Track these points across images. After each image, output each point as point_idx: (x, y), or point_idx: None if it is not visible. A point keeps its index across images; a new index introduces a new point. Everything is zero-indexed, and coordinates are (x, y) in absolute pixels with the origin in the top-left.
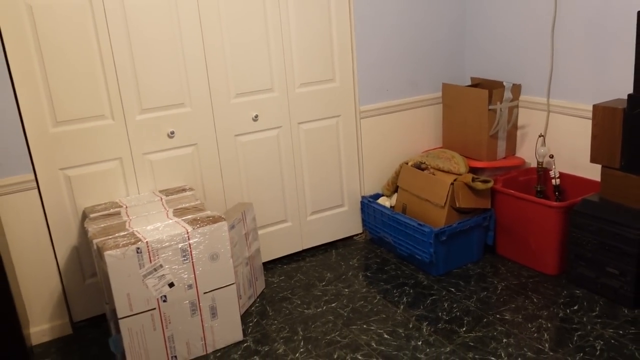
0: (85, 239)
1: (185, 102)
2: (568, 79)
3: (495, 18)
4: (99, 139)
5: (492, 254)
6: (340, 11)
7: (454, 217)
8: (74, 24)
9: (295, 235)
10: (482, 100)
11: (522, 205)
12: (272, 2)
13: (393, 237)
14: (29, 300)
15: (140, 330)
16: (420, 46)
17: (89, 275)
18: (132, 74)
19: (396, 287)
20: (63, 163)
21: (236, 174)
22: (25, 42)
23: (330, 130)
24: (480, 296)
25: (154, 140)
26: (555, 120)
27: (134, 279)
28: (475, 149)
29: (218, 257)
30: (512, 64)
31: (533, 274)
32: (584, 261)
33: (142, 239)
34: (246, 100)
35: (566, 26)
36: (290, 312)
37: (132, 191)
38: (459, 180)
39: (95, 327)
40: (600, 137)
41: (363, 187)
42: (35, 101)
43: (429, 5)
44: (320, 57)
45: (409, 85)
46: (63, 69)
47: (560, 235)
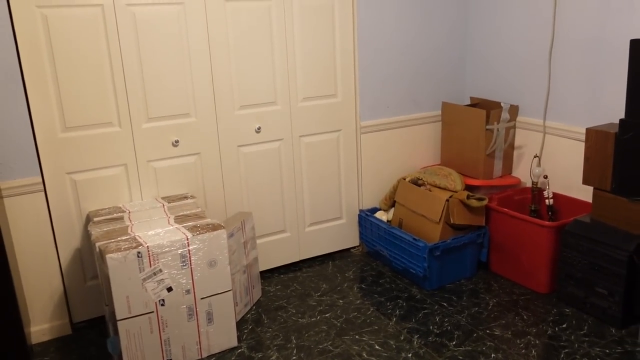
0: (88, 242)
1: (190, 112)
2: (564, 102)
3: (496, 41)
4: (106, 145)
5: (485, 270)
6: (344, 29)
7: (449, 233)
8: (87, 34)
9: (293, 246)
10: (479, 120)
11: (515, 224)
12: (278, 19)
13: (389, 251)
14: (31, 300)
15: (137, 332)
16: (422, 65)
17: (90, 277)
18: (140, 83)
19: (390, 300)
20: (70, 167)
21: (237, 184)
22: (39, 50)
23: (331, 144)
24: (472, 311)
25: (158, 148)
26: (551, 142)
27: (133, 282)
28: (472, 167)
29: (216, 264)
30: (511, 86)
31: (524, 291)
32: (574, 280)
33: (143, 244)
34: (250, 112)
35: (563, 51)
36: (285, 320)
37: (136, 197)
38: (454, 197)
39: (94, 329)
40: (593, 159)
41: (361, 201)
42: (46, 107)
43: (432, 26)
44: (323, 73)
45: (410, 102)
46: (74, 77)
47: (551, 255)
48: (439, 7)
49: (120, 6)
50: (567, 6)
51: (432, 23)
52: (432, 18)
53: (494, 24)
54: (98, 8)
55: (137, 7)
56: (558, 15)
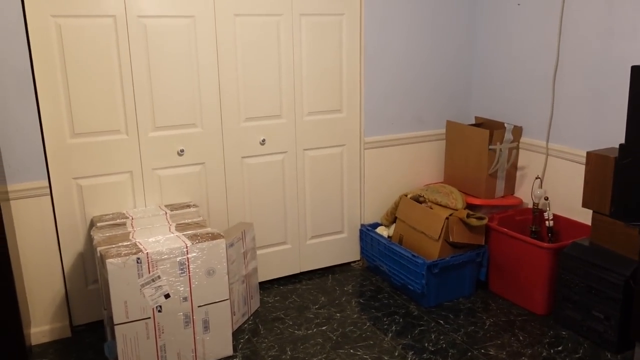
0: (91, 246)
1: (196, 123)
2: (567, 125)
3: (502, 62)
4: (113, 152)
5: (484, 289)
6: (351, 45)
7: (448, 250)
8: (99, 44)
9: (294, 258)
10: (483, 140)
11: (514, 244)
12: (286, 34)
13: (388, 267)
14: (33, 301)
15: (134, 337)
16: (428, 83)
17: (91, 281)
18: (148, 93)
19: (387, 315)
20: (77, 172)
21: (240, 194)
22: (51, 58)
23: (335, 159)
24: (468, 330)
25: (164, 156)
26: (553, 164)
27: (132, 287)
28: (475, 186)
29: (214, 272)
30: (516, 107)
31: (522, 312)
32: (571, 303)
33: (143, 250)
34: (255, 124)
35: (567, 75)
36: (282, 332)
37: (139, 204)
38: (454, 215)
39: (93, 332)
40: (592, 183)
41: (363, 216)
42: (56, 113)
43: (439, 45)
44: (329, 88)
45: (414, 120)
46: (84, 85)
47: (549, 276)
48: (447, 27)
49: (132, 17)
50: (571, 31)
51: (440, 42)
52: (439, 37)
53: (501, 46)
54: (110, 19)
55: (148, 19)
56: (562, 40)
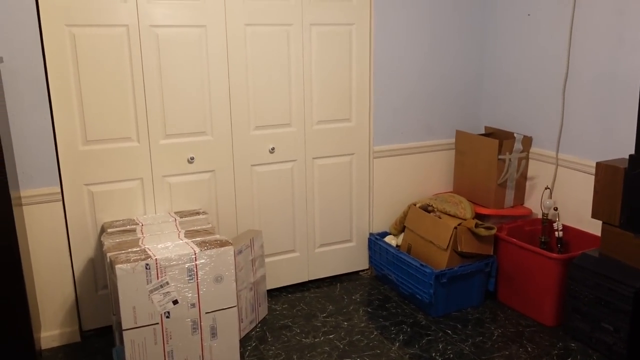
0: (101, 252)
1: (207, 131)
2: (577, 135)
3: (511, 72)
4: (124, 159)
5: (493, 300)
6: (361, 55)
7: (456, 260)
8: (112, 53)
9: (302, 266)
10: (492, 150)
11: (523, 255)
12: (296, 44)
13: (396, 276)
14: (43, 306)
15: (142, 342)
16: (438, 93)
17: (101, 286)
18: (159, 101)
19: (394, 325)
20: (88, 179)
21: (249, 202)
22: (65, 66)
23: (344, 167)
24: (476, 340)
25: (174, 164)
26: (563, 174)
27: (140, 293)
28: (484, 196)
29: (222, 279)
30: (526, 117)
31: (531, 323)
32: (580, 314)
33: (151, 256)
34: (264, 133)
35: (577, 85)
36: (289, 339)
37: (150, 210)
38: (462, 224)
39: (103, 337)
40: (602, 194)
41: (372, 225)
42: (69, 120)
43: (448, 55)
44: (339, 97)
45: (424, 129)
46: (97, 93)
47: (559, 287)
48: (456, 37)
49: (144, 27)
50: (581, 41)
51: (449, 52)
52: (449, 47)
53: (510, 56)
54: (123, 28)
55: (160, 28)
56: (573, 50)
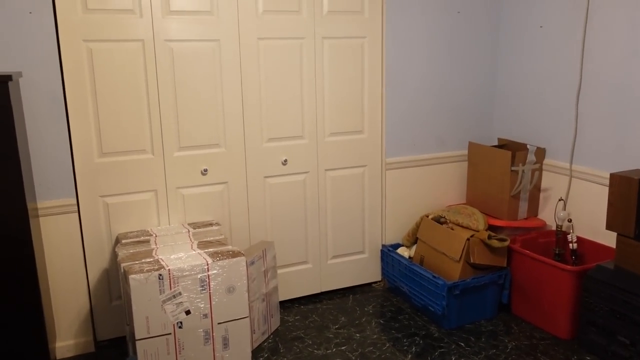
0: (115, 263)
1: (220, 143)
2: (591, 146)
3: (524, 84)
4: (138, 171)
5: (507, 312)
6: (373, 67)
7: (469, 272)
8: (127, 67)
9: (315, 278)
10: (505, 161)
11: (537, 267)
12: (308, 56)
13: (409, 287)
14: (59, 316)
15: (155, 352)
16: (450, 105)
17: (115, 297)
18: (174, 114)
19: (407, 337)
20: (103, 191)
21: (262, 214)
22: (82, 80)
23: (356, 179)
24: (489, 353)
25: (188, 176)
26: (577, 186)
27: (154, 303)
28: (497, 208)
29: (234, 290)
30: (539, 129)
31: (545, 336)
32: (595, 327)
33: (165, 267)
34: (277, 145)
35: (591, 96)
36: (301, 351)
37: (163, 221)
38: (475, 236)
39: (116, 348)
40: (616, 205)
41: (384, 236)
42: (85, 133)
43: (461, 67)
44: (351, 109)
45: (436, 141)
46: (113, 106)
47: (573, 300)
48: (469, 48)
49: (159, 42)
50: (594, 52)
51: (461, 64)
52: (461, 59)
53: (523, 67)
54: (139, 43)
55: (175, 42)
56: (586, 61)
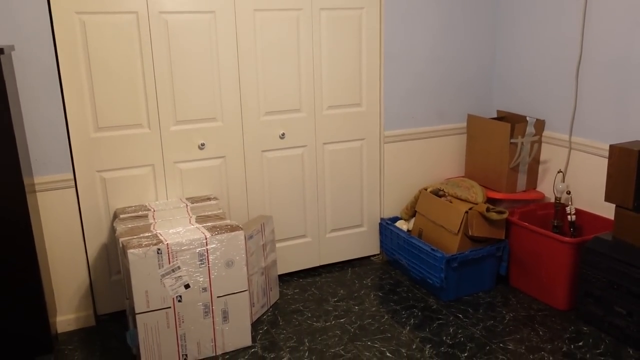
0: (114, 238)
1: (217, 117)
2: (590, 118)
3: (524, 55)
4: (135, 145)
5: (504, 284)
6: (371, 39)
7: (467, 245)
8: (121, 40)
9: (313, 251)
10: (504, 134)
11: (535, 239)
12: (305, 29)
13: (407, 260)
14: (58, 291)
15: (155, 326)
16: (449, 77)
17: (114, 272)
18: (170, 88)
19: (405, 309)
20: (100, 166)
21: (260, 188)
22: (76, 54)
23: (354, 153)
24: (487, 324)
25: (185, 150)
26: (576, 158)
27: (152, 277)
28: (496, 180)
29: (233, 264)
30: (538, 100)
31: (543, 307)
32: (592, 298)
33: (163, 241)
34: (275, 118)
35: (590, 67)
36: (300, 323)
37: (161, 196)
38: (474, 209)
39: (117, 322)
40: (615, 177)
41: (383, 210)
42: (80, 108)
43: (459, 39)
44: (349, 82)
45: (436, 114)
46: (108, 80)
47: (571, 271)
48: (467, 20)
49: (153, 14)
50: (595, 23)
51: (460, 36)
52: (460, 31)
53: (523, 39)
54: (133, 15)
55: (169, 14)
56: (586, 32)
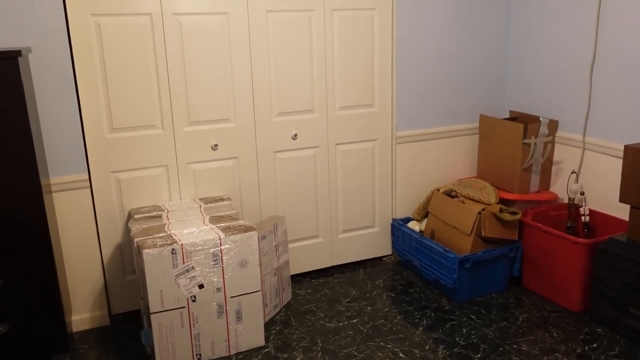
0: (128, 238)
1: (230, 118)
2: (604, 118)
3: (536, 55)
4: (149, 146)
5: (517, 285)
6: (383, 40)
7: (480, 245)
8: (136, 41)
9: (326, 252)
10: (517, 134)
11: (549, 240)
12: (318, 29)
13: (420, 261)
14: (74, 290)
15: (169, 325)
16: (461, 78)
17: (129, 271)
18: (183, 89)
19: (418, 310)
20: (115, 166)
21: (273, 188)
22: (91, 55)
23: (366, 153)
24: (500, 325)
25: (198, 151)
26: (590, 158)
27: (167, 277)
28: (508, 181)
29: (247, 264)
30: (551, 101)
31: (556, 308)
32: (607, 300)
33: (177, 241)
34: (287, 119)
35: (605, 66)
36: (313, 324)
37: (175, 197)
38: (486, 209)
39: (131, 321)
40: (630, 177)
41: (395, 210)
42: (95, 109)
43: (472, 39)
44: (361, 83)
45: (447, 114)
46: (122, 82)
47: (585, 272)
48: (480, 20)
49: (167, 15)
50: (609, 21)
51: (473, 36)
52: (472, 31)
53: (535, 38)
54: (147, 17)
55: (183, 16)
56: (600, 30)
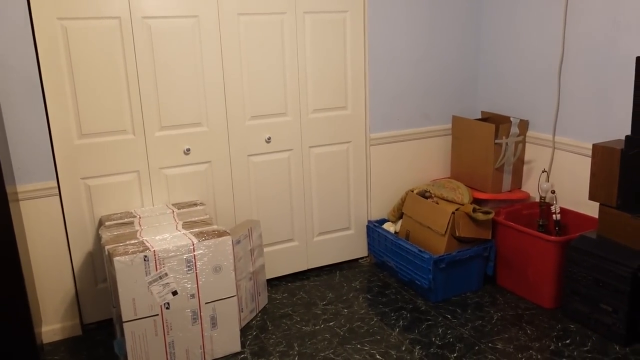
0: (99, 245)
1: (202, 122)
2: (573, 117)
3: (507, 56)
4: (120, 152)
5: (492, 284)
6: (355, 42)
7: (454, 245)
8: (104, 45)
9: (301, 255)
10: (489, 134)
11: (521, 238)
12: (290, 32)
13: (395, 262)
14: (43, 300)
15: (142, 334)
16: (433, 79)
17: (101, 280)
18: (154, 93)
19: (394, 311)
20: (84, 173)
21: (247, 192)
22: (58, 60)
23: (340, 156)
24: (475, 324)
25: (170, 156)
26: (560, 157)
27: (139, 285)
28: (481, 181)
29: (221, 269)
30: (522, 101)
31: (530, 306)
32: (578, 296)
33: (150, 248)
34: (260, 122)
35: (573, 68)
36: (289, 328)
37: (147, 203)
38: (460, 210)
39: (104, 330)
40: (599, 175)
41: (370, 212)
42: (63, 114)
43: (443, 40)
44: (334, 85)
45: (420, 116)
46: (91, 86)
47: (557, 270)
48: (451, 22)
49: (136, 19)
50: (577, 23)
51: (444, 37)
52: (444, 32)
53: (506, 40)
54: (115, 20)
55: (152, 19)
56: (568, 32)
